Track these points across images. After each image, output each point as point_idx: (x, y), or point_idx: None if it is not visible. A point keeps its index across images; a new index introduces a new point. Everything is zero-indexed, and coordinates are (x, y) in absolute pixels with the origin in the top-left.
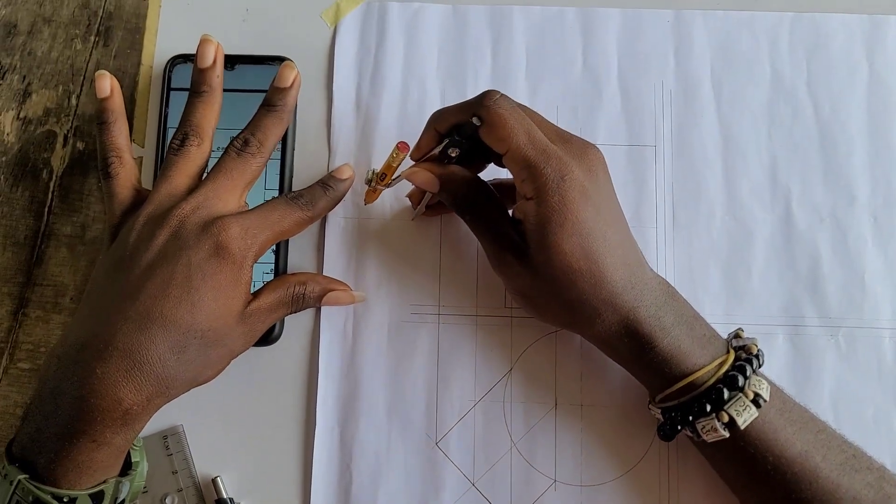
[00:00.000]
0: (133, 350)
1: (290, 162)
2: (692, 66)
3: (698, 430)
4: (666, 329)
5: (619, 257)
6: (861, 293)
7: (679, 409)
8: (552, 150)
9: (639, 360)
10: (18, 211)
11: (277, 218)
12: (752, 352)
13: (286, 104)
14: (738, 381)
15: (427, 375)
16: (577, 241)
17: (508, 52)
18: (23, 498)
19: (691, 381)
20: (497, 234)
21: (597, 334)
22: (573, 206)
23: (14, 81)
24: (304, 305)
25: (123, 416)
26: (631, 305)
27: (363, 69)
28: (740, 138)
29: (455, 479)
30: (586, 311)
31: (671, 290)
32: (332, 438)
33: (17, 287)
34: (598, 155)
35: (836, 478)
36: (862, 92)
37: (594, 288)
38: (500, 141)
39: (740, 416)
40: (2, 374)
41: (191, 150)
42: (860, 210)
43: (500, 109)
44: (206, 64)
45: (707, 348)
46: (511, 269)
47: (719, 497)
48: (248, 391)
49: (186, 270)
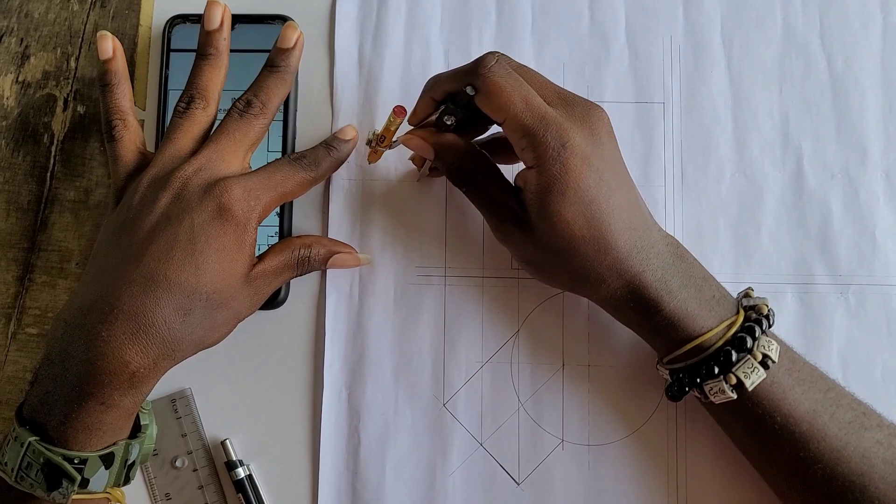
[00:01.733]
0: (138, 313)
1: (293, 123)
2: (702, 20)
3: (706, 391)
4: (672, 292)
5: (624, 222)
6: (871, 250)
7: (687, 371)
8: (551, 117)
9: (646, 324)
10: (21, 176)
11: (281, 179)
12: (762, 312)
13: (289, 65)
14: (746, 342)
15: (434, 337)
16: (579, 210)
17: (514, 8)
18: (34, 460)
19: (699, 344)
20: (496, 206)
21: (603, 298)
22: (575, 173)
23: (12, 44)
24: (309, 268)
25: (130, 379)
26: (636, 270)
27: (365, 28)
28: (751, 94)
29: (463, 439)
30: (591, 277)
31: (680, 251)
32: (339, 401)
33: (22, 253)
34: (602, 116)
35: (844, 436)
36: (876, 45)
37: (598, 254)
38: (497, 110)
39: (748, 378)
40: (10, 339)
41: (196, 112)
42: (872, 167)
43: (495, 77)
44: (214, 26)
45: (715, 310)
46: (513, 238)
47: (726, 456)
48: (256, 355)
49: (190, 233)
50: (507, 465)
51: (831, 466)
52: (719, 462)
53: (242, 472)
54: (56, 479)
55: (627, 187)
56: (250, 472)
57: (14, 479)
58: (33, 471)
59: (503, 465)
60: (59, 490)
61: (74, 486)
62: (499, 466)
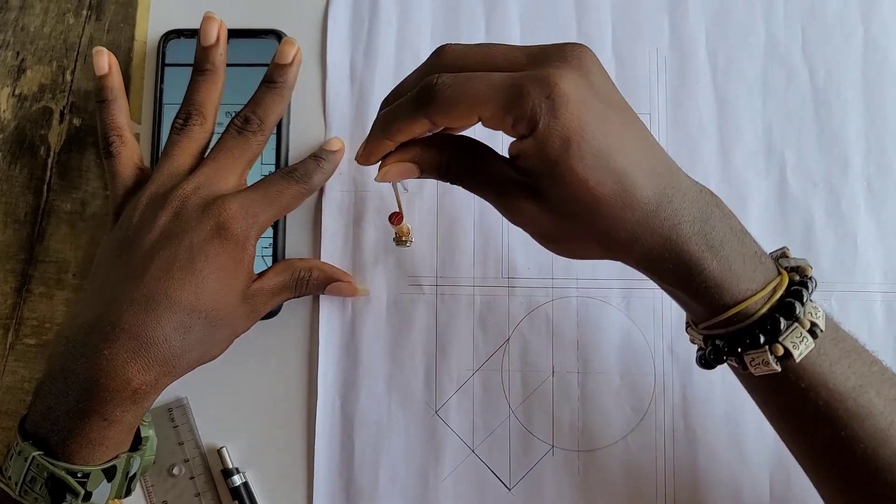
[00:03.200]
0: (139, 331)
1: (287, 137)
2: (687, 32)
3: (746, 362)
4: (715, 247)
5: (646, 168)
6: (853, 257)
7: (727, 338)
8: (522, 77)
9: (685, 286)
10: (18, 188)
11: (276, 193)
12: (806, 273)
13: (287, 81)
14: (794, 308)
15: (425, 346)
16: (591, 163)
17: (502, 21)
18: (38, 474)
19: (744, 309)
20: (499, 186)
21: (638, 260)
22: (573, 122)
23: (8, 58)
24: (306, 292)
25: (132, 396)
26: (672, 222)
27: (356, 41)
28: (735, 105)
29: (455, 446)
30: (622, 237)
31: (716, 199)
32: (333, 409)
33: (19, 264)
34: (583, 52)
35: (890, 414)
36: (857, 57)
37: (624, 211)
38: (464, 118)
39: (797, 349)
40: (9, 350)
41: (193, 129)
42: (854, 176)
43: (446, 93)
44: (210, 42)
45: (759, 269)
46: (527, 214)
47: (715, 462)
48: (251, 364)
49: (189, 251)
50: (499, 470)
51: (874, 448)
52: (708, 466)
53: (238, 480)
54: (60, 493)
55: (638, 128)
56: (246, 480)
57: (18, 493)
58: (37, 485)
59: (494, 470)
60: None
61: (78, 500)
62: (490, 472)
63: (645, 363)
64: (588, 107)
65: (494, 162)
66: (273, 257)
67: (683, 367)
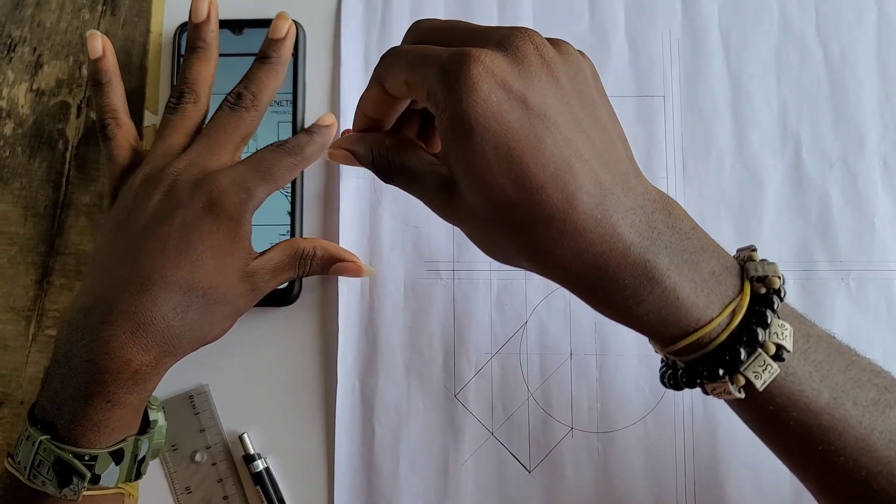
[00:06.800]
0: (136, 312)
1: (301, 124)
2: (700, 14)
3: (707, 391)
4: (657, 277)
5: (574, 181)
6: (871, 237)
7: (685, 368)
8: (444, 53)
9: (621, 318)
10: (37, 182)
11: (267, 166)
12: (772, 286)
13: (281, 55)
14: (756, 335)
15: (444, 330)
16: (494, 162)
17: (515, 7)
18: (45, 458)
19: (696, 340)
20: (419, 179)
21: (568, 284)
22: (477, 111)
23: (25, 53)
24: (310, 271)
25: (134, 376)
26: (599, 248)
27: (370, 30)
28: (749, 86)
29: (474, 429)
30: (539, 256)
31: (670, 214)
32: (353, 394)
33: (40, 257)
34: (526, 39)
35: (868, 422)
36: (871, 35)
37: (536, 226)
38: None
39: (759, 378)
40: (31, 341)
41: (187, 107)
42: (870, 155)
43: (388, 58)
44: (200, 18)
45: (716, 291)
46: (447, 208)
47: (735, 442)
48: (271, 350)
49: (182, 230)
50: (518, 453)
51: (855, 458)
52: (727, 446)
53: (260, 465)
54: (67, 475)
55: (585, 127)
56: (268, 465)
57: (27, 478)
58: (45, 468)
59: (514, 453)
60: (70, 486)
61: (85, 483)
62: (510, 455)
63: None
64: (500, 93)
65: (416, 153)
66: None
67: None
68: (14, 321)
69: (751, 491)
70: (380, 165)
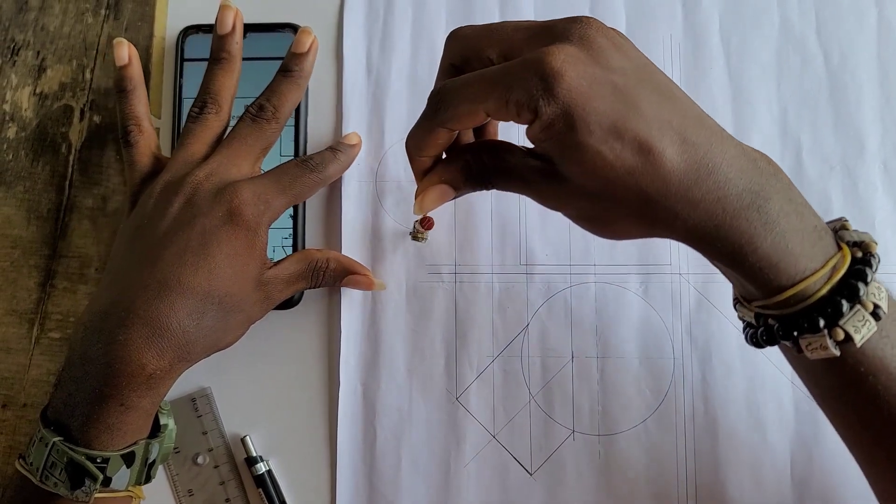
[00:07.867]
0: (152, 317)
1: (304, 128)
2: (700, 17)
3: (801, 346)
4: (770, 223)
5: (675, 135)
6: None
7: (781, 319)
8: (515, 67)
9: (736, 266)
10: (40, 185)
11: (289, 181)
12: (870, 250)
13: (303, 69)
14: (858, 290)
15: (445, 333)
16: (602, 137)
17: (517, 11)
18: (58, 459)
19: (800, 291)
20: (523, 177)
21: (684, 236)
22: (573, 99)
23: (28, 57)
24: (323, 283)
25: (148, 381)
26: (715, 196)
27: (372, 34)
28: (750, 90)
29: (476, 432)
30: (658, 214)
31: (772, 167)
32: (355, 397)
33: (43, 259)
34: (588, 23)
35: None
36: (871, 39)
37: (655, 184)
38: (473, 117)
39: (858, 333)
40: (34, 343)
41: (209, 117)
42: (870, 158)
43: (447, 99)
44: (226, 30)
45: (818, 245)
46: (557, 199)
47: (736, 444)
48: (273, 353)
49: (202, 237)
50: (520, 456)
51: None
52: (729, 448)
53: (263, 468)
54: (79, 478)
55: (667, 92)
56: (270, 468)
57: (39, 479)
58: (57, 470)
59: (516, 456)
60: (81, 489)
61: (97, 485)
62: (511, 458)
63: (664, 347)
64: (587, 77)
65: (512, 155)
66: (293, 248)
67: (702, 350)
68: (17, 324)
69: (752, 492)
70: (479, 175)
